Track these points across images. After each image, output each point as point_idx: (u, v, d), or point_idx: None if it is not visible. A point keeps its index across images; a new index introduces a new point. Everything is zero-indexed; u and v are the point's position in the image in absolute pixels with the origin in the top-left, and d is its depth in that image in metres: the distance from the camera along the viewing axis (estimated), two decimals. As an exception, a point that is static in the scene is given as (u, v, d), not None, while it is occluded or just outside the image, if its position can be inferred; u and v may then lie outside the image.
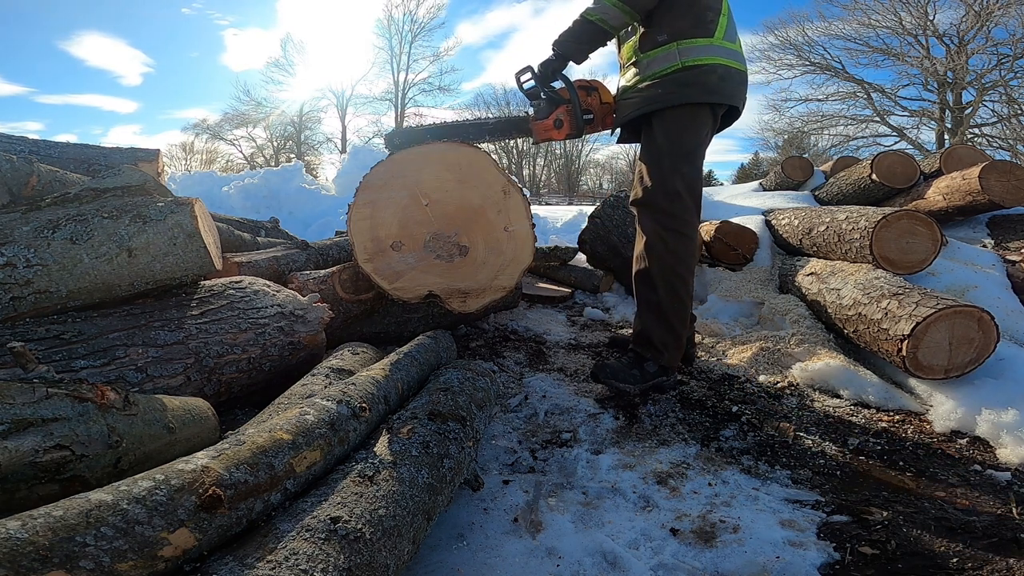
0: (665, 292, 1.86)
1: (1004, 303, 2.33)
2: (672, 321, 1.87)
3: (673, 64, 1.84)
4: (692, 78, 1.82)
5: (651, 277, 1.88)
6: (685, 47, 1.84)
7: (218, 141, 29.65)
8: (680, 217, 1.87)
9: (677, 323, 1.88)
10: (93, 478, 0.88)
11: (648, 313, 1.90)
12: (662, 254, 1.86)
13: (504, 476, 1.41)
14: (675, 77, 1.84)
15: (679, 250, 1.87)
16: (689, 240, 1.89)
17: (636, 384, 1.86)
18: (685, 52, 1.84)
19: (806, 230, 2.96)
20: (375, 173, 2.00)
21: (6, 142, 2.50)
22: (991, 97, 17.01)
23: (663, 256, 1.86)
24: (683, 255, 1.88)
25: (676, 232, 1.87)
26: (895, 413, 1.79)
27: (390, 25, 28.48)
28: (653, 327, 1.89)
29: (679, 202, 1.87)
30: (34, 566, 0.55)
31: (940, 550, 1.14)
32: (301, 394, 1.33)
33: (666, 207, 1.87)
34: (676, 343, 1.89)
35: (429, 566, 1.08)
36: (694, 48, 1.84)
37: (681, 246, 1.87)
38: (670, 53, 1.85)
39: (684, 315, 1.90)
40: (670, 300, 1.87)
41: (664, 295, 1.86)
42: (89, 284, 1.36)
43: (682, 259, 1.87)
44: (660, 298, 1.87)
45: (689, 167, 1.88)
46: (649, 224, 1.90)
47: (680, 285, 1.87)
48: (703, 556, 1.13)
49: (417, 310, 2.32)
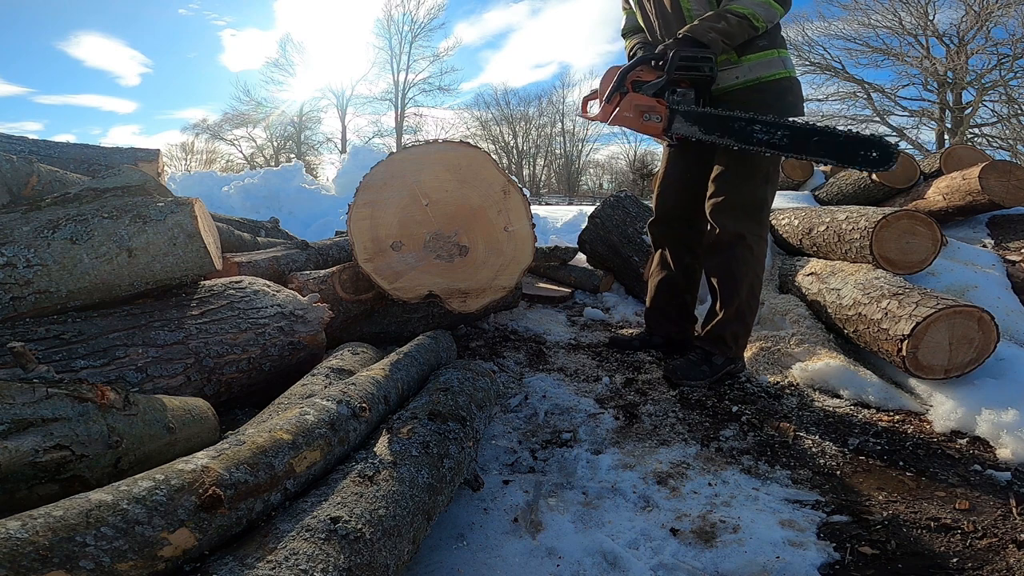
0: (747, 294, 1.99)
1: (1004, 303, 2.33)
2: (748, 319, 2.02)
3: (779, 71, 1.89)
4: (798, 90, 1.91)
5: (736, 281, 1.98)
6: (785, 56, 1.91)
7: (218, 141, 29.65)
8: (765, 224, 1.99)
9: (750, 319, 2.03)
10: (93, 478, 0.88)
11: (726, 312, 2.00)
12: (749, 259, 1.97)
13: (504, 476, 1.41)
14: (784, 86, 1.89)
15: (761, 255, 2.00)
16: (767, 244, 2.03)
17: (707, 379, 1.98)
18: (788, 61, 1.91)
19: (806, 230, 2.96)
20: (375, 173, 2.00)
21: (6, 142, 2.50)
22: (991, 97, 17.00)
23: (750, 261, 1.97)
24: (763, 259, 2.02)
25: (760, 238, 1.98)
26: (895, 413, 1.79)
27: (390, 25, 28.48)
28: (728, 325, 2.00)
29: (765, 209, 1.98)
30: (34, 566, 0.55)
31: (940, 550, 1.14)
32: (301, 394, 1.33)
33: (757, 216, 1.96)
34: (745, 336, 2.04)
35: (429, 566, 1.08)
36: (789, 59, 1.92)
37: (762, 251, 2.00)
38: (775, 59, 1.89)
39: (755, 311, 2.06)
40: (749, 300, 2.01)
41: (746, 297, 1.99)
42: (89, 284, 1.36)
43: (762, 263, 2.01)
44: (742, 300, 1.99)
45: (776, 175, 1.98)
46: (736, 230, 1.96)
47: (758, 286, 2.02)
48: (703, 556, 1.13)
49: (417, 310, 2.32)
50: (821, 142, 1.70)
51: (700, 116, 1.90)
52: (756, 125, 1.78)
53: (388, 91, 29.36)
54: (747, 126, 1.80)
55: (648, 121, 1.99)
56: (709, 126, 1.88)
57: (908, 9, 17.29)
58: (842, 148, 1.67)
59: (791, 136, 1.73)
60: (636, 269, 3.13)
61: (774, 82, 1.89)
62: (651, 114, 1.98)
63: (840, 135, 1.67)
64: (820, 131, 1.70)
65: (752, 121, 1.79)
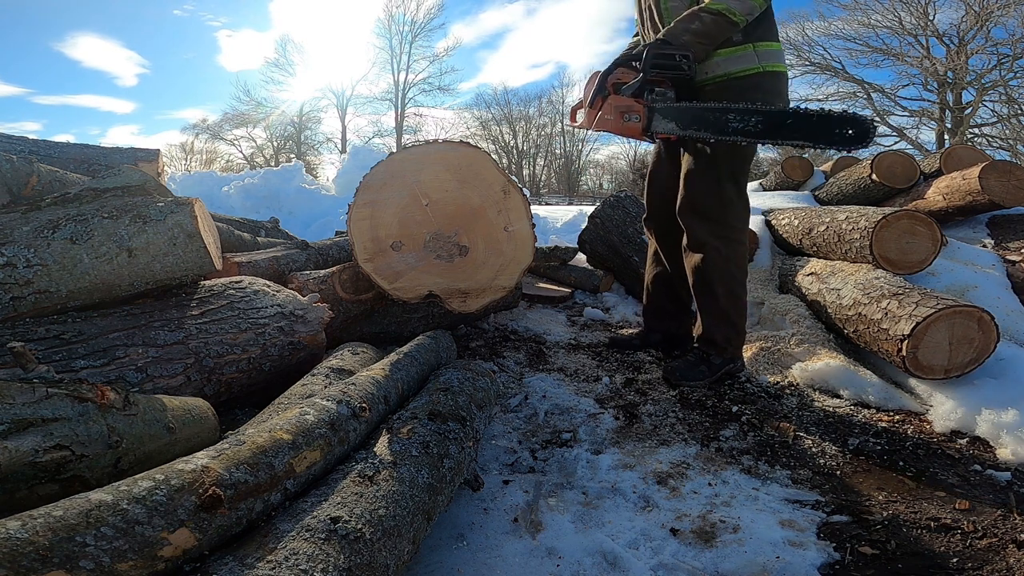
0: (724, 296, 1.95)
1: (1004, 303, 2.33)
2: (733, 319, 1.98)
3: (752, 66, 1.83)
4: (771, 85, 1.83)
5: (709, 285, 1.95)
6: (763, 50, 1.84)
7: (218, 141, 29.65)
8: (732, 224, 1.93)
9: (738, 319, 1.99)
10: (93, 478, 0.88)
11: (708, 317, 1.98)
12: (718, 262, 1.93)
13: (504, 476, 1.41)
14: (754, 82, 1.83)
15: (733, 254, 1.94)
16: (741, 245, 1.97)
17: (706, 379, 1.97)
18: (767, 55, 1.84)
19: (806, 230, 2.96)
20: (375, 173, 2.00)
21: (6, 142, 2.50)
22: (991, 97, 17.02)
23: (719, 263, 1.93)
24: (738, 257, 1.96)
25: (729, 239, 1.93)
26: (895, 413, 1.79)
27: (390, 25, 28.49)
28: (715, 329, 1.97)
29: (731, 209, 1.92)
30: (34, 566, 0.55)
31: (940, 550, 1.14)
32: (301, 394, 1.33)
33: (719, 216, 1.91)
34: (738, 337, 2.01)
35: (429, 566, 1.08)
36: (769, 52, 1.86)
37: (734, 250, 1.94)
38: (747, 54, 1.83)
39: (743, 310, 2.01)
40: (731, 301, 1.96)
41: (724, 298, 1.95)
42: (89, 284, 1.36)
43: (737, 262, 1.96)
44: (720, 302, 1.95)
45: (743, 174, 1.93)
46: (700, 235, 1.93)
47: (737, 286, 1.97)
48: (703, 556, 1.13)
49: (417, 310, 2.32)
50: (795, 125, 1.64)
51: (675, 111, 1.87)
52: (730, 114, 1.72)
53: (388, 91, 29.39)
54: (721, 116, 1.75)
55: (628, 122, 1.96)
56: (685, 120, 1.84)
57: (908, 9, 17.29)
58: (816, 128, 1.61)
59: (765, 121, 1.68)
60: (636, 269, 3.13)
61: (743, 78, 1.83)
62: (630, 114, 1.95)
63: (812, 114, 1.62)
64: (792, 113, 1.65)
65: (726, 111, 1.74)
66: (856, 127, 1.56)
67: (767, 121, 1.68)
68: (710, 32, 1.78)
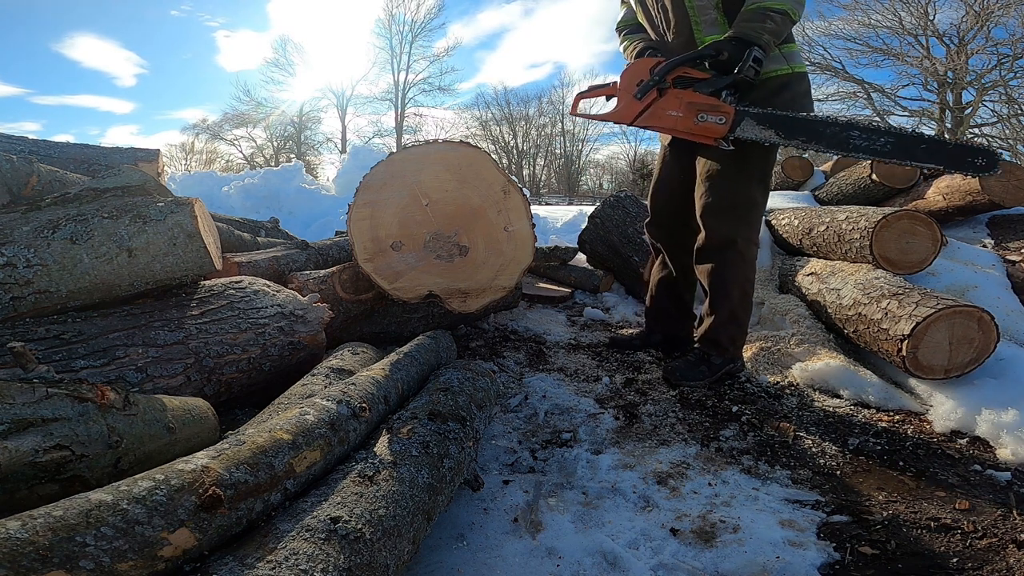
0: (739, 298, 1.96)
1: (1004, 303, 2.33)
2: (742, 320, 2.00)
3: (782, 67, 1.82)
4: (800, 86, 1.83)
5: (726, 285, 1.96)
6: (788, 52, 1.83)
7: (218, 141, 29.65)
8: (755, 226, 1.95)
9: (745, 320, 2.02)
10: (93, 478, 0.88)
11: (718, 318, 1.98)
12: (739, 264, 1.94)
13: (504, 476, 1.41)
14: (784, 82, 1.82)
15: (751, 259, 1.97)
16: (756, 247, 2.00)
17: (706, 379, 1.98)
18: (793, 56, 1.84)
19: (806, 230, 2.96)
20: (375, 173, 2.00)
21: (6, 142, 2.50)
22: (991, 97, 17.00)
23: (740, 266, 1.94)
24: (753, 262, 1.99)
25: (750, 241, 1.94)
26: (895, 413, 1.79)
27: (390, 25, 28.49)
28: (722, 329, 1.98)
29: (756, 211, 1.94)
30: (34, 566, 0.55)
31: (940, 550, 1.14)
32: (301, 394, 1.33)
33: (746, 217, 1.92)
34: (742, 337, 2.03)
35: (429, 566, 1.08)
36: (794, 53, 1.85)
37: (752, 255, 1.97)
38: (775, 55, 1.81)
39: (750, 311, 2.04)
40: (742, 303, 1.98)
41: (738, 300, 1.96)
42: (89, 284, 1.36)
43: (753, 266, 1.99)
44: (734, 304, 1.96)
45: (770, 176, 1.94)
46: (725, 235, 1.92)
47: (750, 288, 1.99)
48: (703, 556, 1.13)
49: (417, 310, 2.32)
50: (930, 151, 1.64)
51: (779, 120, 1.74)
52: (854, 131, 1.66)
53: (388, 91, 29.39)
54: (841, 132, 1.67)
55: (703, 122, 1.78)
56: (791, 131, 1.73)
57: (908, 9, 17.28)
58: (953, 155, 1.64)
59: (896, 144, 1.65)
60: (636, 269, 3.13)
61: (775, 79, 1.84)
62: (710, 114, 1.78)
63: (949, 143, 1.65)
64: (927, 140, 1.64)
65: (848, 127, 1.67)
66: (988, 158, 1.63)
67: (898, 144, 1.66)
68: (780, 32, 1.74)
